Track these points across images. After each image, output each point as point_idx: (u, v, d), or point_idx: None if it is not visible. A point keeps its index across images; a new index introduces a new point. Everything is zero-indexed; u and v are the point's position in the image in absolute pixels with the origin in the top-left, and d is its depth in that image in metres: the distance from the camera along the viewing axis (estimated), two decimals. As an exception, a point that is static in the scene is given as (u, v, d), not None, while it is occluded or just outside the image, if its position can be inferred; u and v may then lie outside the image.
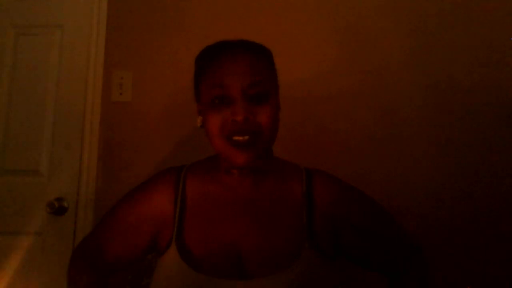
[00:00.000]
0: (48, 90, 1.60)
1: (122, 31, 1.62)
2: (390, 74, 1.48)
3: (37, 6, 1.66)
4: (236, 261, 0.82)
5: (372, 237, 0.91)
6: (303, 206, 0.86)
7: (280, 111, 0.87)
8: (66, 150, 1.56)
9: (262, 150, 0.83)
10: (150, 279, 0.88)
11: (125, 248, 0.90)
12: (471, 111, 1.43)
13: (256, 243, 0.83)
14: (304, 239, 0.83)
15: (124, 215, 0.91)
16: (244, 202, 0.87)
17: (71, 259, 0.93)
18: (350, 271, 1.04)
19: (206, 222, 0.86)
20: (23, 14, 1.66)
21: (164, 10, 1.61)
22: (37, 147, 1.57)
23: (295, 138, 1.43)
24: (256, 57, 0.84)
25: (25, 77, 1.62)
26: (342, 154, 1.45)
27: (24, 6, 1.66)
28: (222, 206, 0.87)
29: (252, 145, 0.80)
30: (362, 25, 1.52)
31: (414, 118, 1.45)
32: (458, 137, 1.42)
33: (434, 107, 1.45)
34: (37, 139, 1.58)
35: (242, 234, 0.84)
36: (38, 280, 1.46)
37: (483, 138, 1.41)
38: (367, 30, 1.52)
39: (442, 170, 1.41)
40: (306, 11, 1.55)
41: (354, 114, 1.48)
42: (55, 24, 1.65)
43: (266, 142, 0.83)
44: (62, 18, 1.65)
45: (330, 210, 0.87)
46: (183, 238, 0.84)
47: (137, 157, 1.54)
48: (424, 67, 1.47)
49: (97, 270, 0.90)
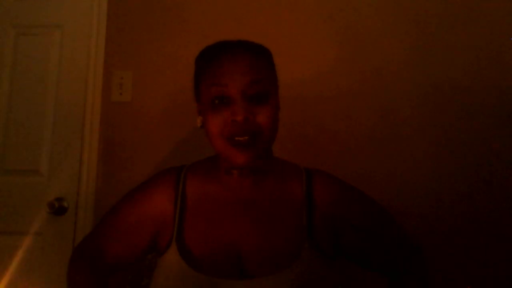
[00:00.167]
0: (48, 90, 1.60)
1: (122, 31, 1.62)
2: (390, 74, 1.48)
3: (37, 6, 1.66)
4: (236, 261, 0.82)
5: (372, 237, 0.91)
6: (303, 206, 0.86)
7: (280, 111, 0.87)
8: (66, 150, 1.56)
9: (262, 150, 0.83)
10: (150, 279, 0.88)
11: (125, 248, 0.90)
12: (471, 111, 1.43)
13: (256, 243, 0.83)
14: (304, 239, 0.83)
15: (124, 215, 0.91)
16: (244, 202, 0.87)
17: (71, 259, 0.93)
18: (350, 271, 1.04)
19: (206, 222, 0.86)
20: (23, 14, 1.66)
21: (164, 10, 1.61)
22: (37, 147, 1.57)
23: (295, 138, 1.44)
24: (256, 57, 0.84)
25: (25, 77, 1.62)
26: (342, 154, 1.45)
27: (24, 6, 1.66)
28: (222, 206, 0.87)
29: (252, 145, 0.80)
30: (362, 25, 1.52)
31: (414, 118, 1.45)
32: (458, 137, 1.42)
33: (434, 107, 1.45)
34: (37, 139, 1.58)
35: (242, 234, 0.84)
36: (38, 280, 1.46)
37: (483, 138, 1.41)
38: (367, 30, 1.52)
39: (442, 170, 1.41)
40: (306, 11, 1.55)
41: (354, 114, 1.48)
42: (55, 24, 1.65)
43: (266, 142, 0.83)
44: (62, 18, 1.65)
45: (330, 210, 0.87)
46: (183, 238, 0.84)
47: (137, 157, 1.54)
48: (424, 67, 1.47)
49: (97, 270, 0.90)
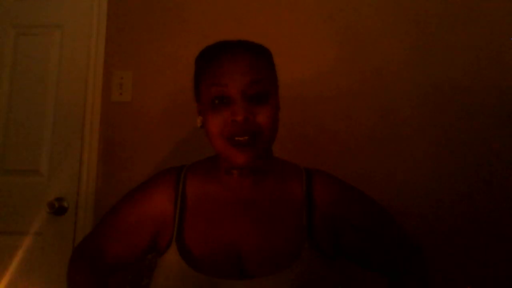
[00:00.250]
0: (48, 90, 1.60)
1: (122, 31, 1.62)
2: (390, 74, 1.48)
3: (37, 6, 1.66)
4: (236, 261, 0.82)
5: (372, 237, 0.91)
6: (303, 206, 0.86)
7: (280, 111, 0.87)
8: (66, 150, 1.56)
9: (262, 150, 0.83)
10: (150, 279, 0.88)
11: (125, 248, 0.90)
12: (471, 111, 1.43)
13: (256, 243, 0.83)
14: (304, 239, 0.83)
15: (124, 215, 0.91)
16: (244, 202, 0.87)
17: (71, 259, 0.93)
18: (350, 271, 1.04)
19: (206, 222, 0.86)
20: (23, 14, 1.66)
21: (164, 10, 1.61)
22: (37, 147, 1.57)
23: (295, 138, 1.44)
24: (255, 57, 0.84)
25: (25, 77, 1.62)
26: (342, 154, 1.45)
27: (24, 6, 1.66)
28: (222, 206, 0.87)
29: (252, 145, 0.80)
30: (362, 25, 1.52)
31: (414, 118, 1.45)
32: (458, 137, 1.42)
33: (434, 107, 1.45)
34: (37, 139, 1.58)
35: (242, 234, 0.84)
36: (38, 280, 1.46)
37: (483, 138, 1.41)
38: (367, 30, 1.52)
39: (442, 170, 1.41)
40: (306, 11, 1.55)
41: (354, 114, 1.48)
42: (55, 24, 1.65)
43: (266, 142, 0.83)
44: (62, 18, 1.65)
45: (330, 210, 0.87)
46: (183, 238, 0.84)
47: (137, 157, 1.54)
48: (424, 67, 1.47)
49: (97, 270, 0.90)
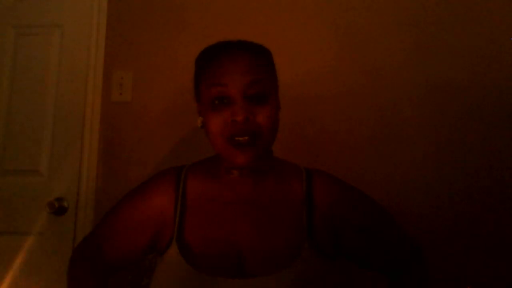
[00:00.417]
0: (48, 90, 1.60)
1: (122, 31, 1.62)
2: (390, 74, 1.48)
3: (37, 6, 1.66)
4: (236, 260, 0.82)
5: (372, 237, 0.91)
6: (303, 206, 0.86)
7: (280, 111, 0.87)
8: (66, 150, 1.56)
9: (262, 150, 0.83)
10: (150, 279, 0.88)
11: (125, 248, 0.90)
12: (471, 111, 1.43)
13: (256, 243, 0.83)
14: (304, 239, 0.83)
15: (124, 215, 0.91)
16: (244, 202, 0.87)
17: (71, 259, 0.93)
18: (350, 271, 1.04)
19: (207, 222, 0.86)
20: (23, 14, 1.66)
21: (164, 10, 1.61)
22: (37, 147, 1.57)
23: (295, 138, 1.43)
24: (255, 57, 0.84)
25: (25, 77, 1.62)
26: (342, 154, 1.45)
27: (24, 6, 1.66)
28: (222, 205, 0.87)
29: (252, 145, 0.80)
30: (362, 25, 1.52)
31: (414, 118, 1.45)
32: (458, 137, 1.42)
33: (434, 107, 1.45)
34: (37, 139, 1.58)
35: (242, 234, 0.84)
36: (38, 280, 1.46)
37: (483, 138, 1.41)
38: (367, 30, 1.52)
39: (442, 170, 1.41)
40: (306, 11, 1.55)
41: (354, 114, 1.48)
42: (55, 24, 1.65)
43: (266, 142, 0.83)
44: (62, 18, 1.65)
45: (330, 210, 0.87)
46: (184, 238, 0.84)
47: (137, 157, 1.54)
48: (424, 67, 1.47)
49: (97, 270, 0.90)
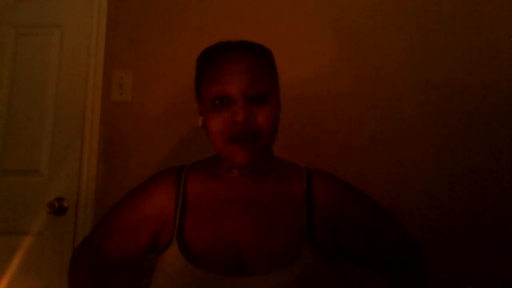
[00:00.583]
0: (48, 90, 1.60)
1: (122, 31, 1.62)
2: (390, 74, 1.48)
3: (37, 6, 1.66)
4: (236, 260, 0.82)
5: (372, 237, 0.91)
6: (303, 206, 0.86)
7: (280, 111, 0.87)
8: (66, 150, 1.56)
9: (262, 150, 0.83)
10: (150, 279, 0.88)
11: (125, 248, 0.90)
12: (471, 111, 1.43)
13: (256, 243, 0.83)
14: (304, 239, 0.83)
15: (124, 215, 0.91)
16: (244, 201, 0.87)
17: (72, 259, 0.93)
18: (350, 271, 1.04)
19: (207, 221, 0.86)
20: (23, 14, 1.66)
21: (164, 10, 1.61)
22: (37, 147, 1.57)
23: (295, 138, 1.43)
24: (256, 57, 0.84)
25: (25, 77, 1.62)
26: (342, 154, 1.45)
27: (24, 6, 1.66)
28: (223, 205, 0.87)
29: (252, 145, 0.80)
30: (362, 25, 1.52)
31: (414, 118, 1.45)
32: (458, 137, 1.42)
33: (434, 107, 1.45)
34: (37, 139, 1.58)
35: (242, 233, 0.84)
36: (38, 280, 1.46)
37: (483, 138, 1.41)
38: (367, 30, 1.52)
39: (442, 170, 1.41)
40: (306, 11, 1.55)
41: (354, 114, 1.48)
42: (55, 24, 1.65)
43: (266, 142, 0.83)
44: (62, 18, 1.64)
45: (330, 210, 0.87)
46: (184, 237, 0.84)
47: (137, 157, 1.54)
48: (424, 67, 1.47)
49: (97, 270, 0.90)
